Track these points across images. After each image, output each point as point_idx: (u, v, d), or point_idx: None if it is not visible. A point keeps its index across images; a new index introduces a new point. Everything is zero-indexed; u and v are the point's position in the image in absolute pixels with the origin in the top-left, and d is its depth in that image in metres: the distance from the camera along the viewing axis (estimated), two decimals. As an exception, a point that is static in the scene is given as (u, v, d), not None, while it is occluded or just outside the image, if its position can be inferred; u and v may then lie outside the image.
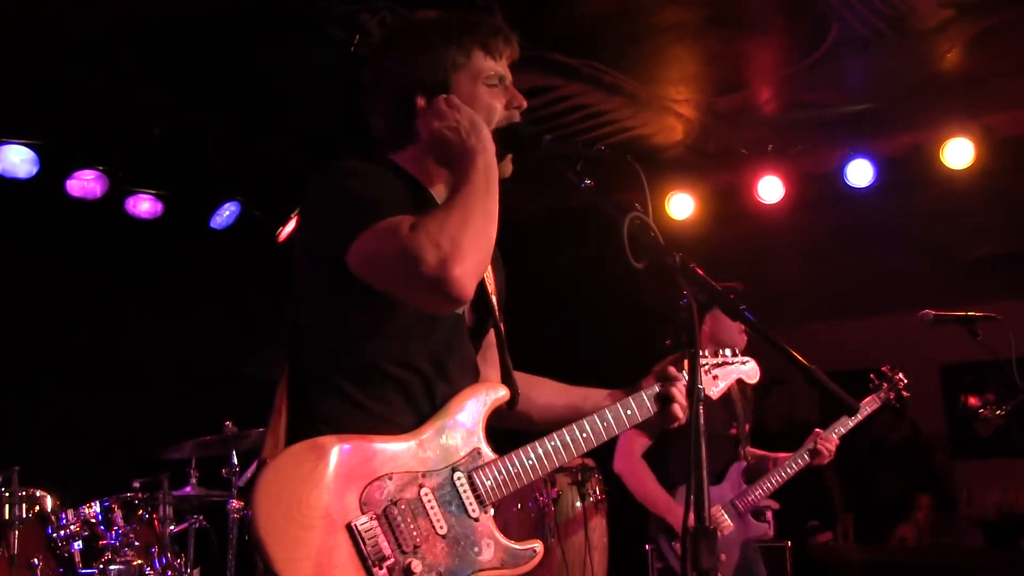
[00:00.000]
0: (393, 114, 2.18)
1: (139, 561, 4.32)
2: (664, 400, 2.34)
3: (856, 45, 5.23)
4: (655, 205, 6.87)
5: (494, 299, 2.30)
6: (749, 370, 2.65)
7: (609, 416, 2.28)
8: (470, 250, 1.87)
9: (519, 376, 2.33)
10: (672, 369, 2.37)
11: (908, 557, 6.89)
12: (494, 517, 2.12)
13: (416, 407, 2.08)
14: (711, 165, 6.76)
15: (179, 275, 6.39)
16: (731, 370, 2.62)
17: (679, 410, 2.33)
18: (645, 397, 2.34)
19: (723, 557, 3.98)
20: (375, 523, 1.95)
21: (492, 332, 2.33)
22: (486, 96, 2.15)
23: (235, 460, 4.78)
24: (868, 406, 4.35)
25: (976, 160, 6.10)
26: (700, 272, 1.90)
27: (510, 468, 2.14)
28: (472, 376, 2.22)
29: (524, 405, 2.33)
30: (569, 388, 2.45)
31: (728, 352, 2.62)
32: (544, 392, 2.42)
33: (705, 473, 1.75)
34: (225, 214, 6.59)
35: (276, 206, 6.48)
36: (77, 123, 5.73)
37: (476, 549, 2.05)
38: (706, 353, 2.54)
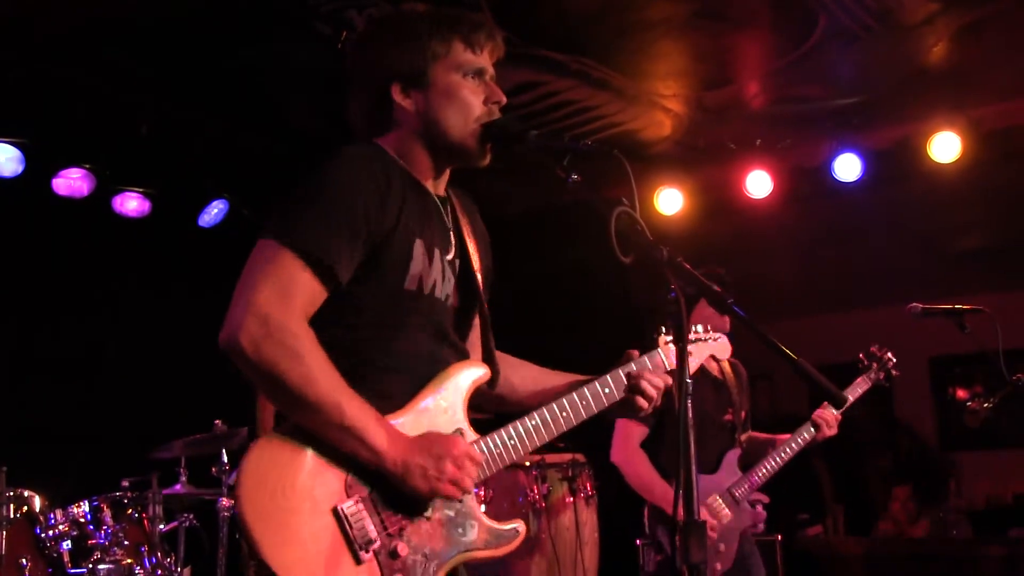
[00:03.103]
0: (371, 102, 2.19)
1: (128, 560, 4.30)
2: (632, 390, 2.30)
3: (843, 39, 5.24)
4: (644, 200, 6.93)
5: (479, 277, 2.28)
6: (720, 346, 2.60)
7: (588, 394, 2.27)
8: (266, 364, 1.87)
9: (500, 357, 2.33)
10: (635, 353, 2.35)
11: (898, 549, 6.91)
12: (484, 511, 2.12)
13: (399, 388, 2.07)
14: (699, 160, 6.76)
15: (167, 274, 6.37)
16: (703, 347, 2.58)
17: (643, 402, 2.29)
18: (622, 374, 2.32)
19: (722, 547, 3.94)
20: (360, 506, 1.95)
21: (477, 315, 2.32)
22: (464, 89, 2.15)
23: (225, 459, 4.76)
24: (859, 386, 4.32)
25: (963, 153, 6.11)
26: (687, 266, 1.90)
27: (493, 447, 2.13)
28: (457, 357, 2.21)
29: (502, 387, 2.32)
30: (550, 372, 2.43)
31: (700, 328, 2.58)
32: (523, 374, 2.39)
33: (694, 464, 1.74)
34: (213, 212, 6.57)
35: (264, 204, 6.45)
36: (63, 121, 5.69)
37: (461, 530, 2.06)
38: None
